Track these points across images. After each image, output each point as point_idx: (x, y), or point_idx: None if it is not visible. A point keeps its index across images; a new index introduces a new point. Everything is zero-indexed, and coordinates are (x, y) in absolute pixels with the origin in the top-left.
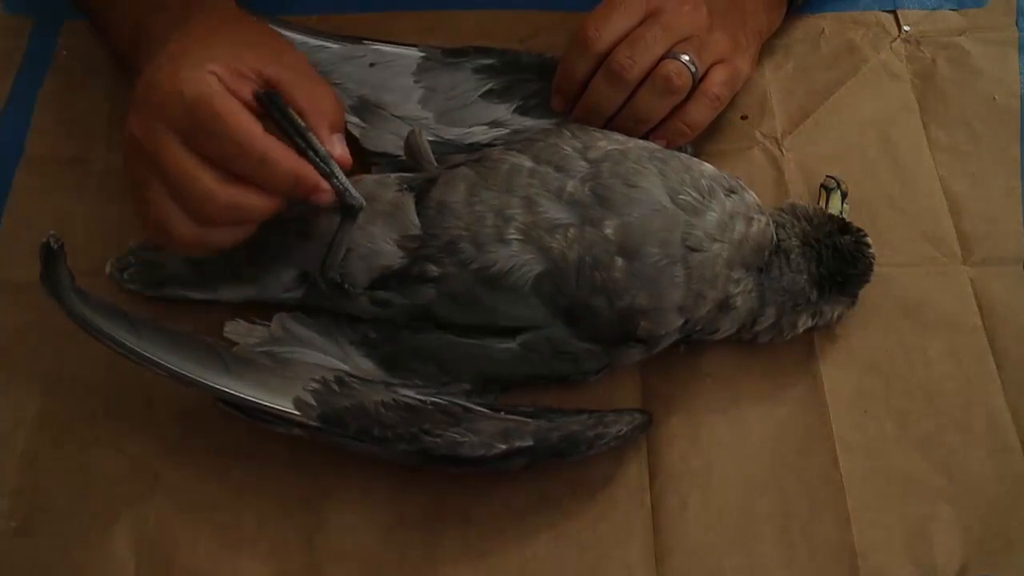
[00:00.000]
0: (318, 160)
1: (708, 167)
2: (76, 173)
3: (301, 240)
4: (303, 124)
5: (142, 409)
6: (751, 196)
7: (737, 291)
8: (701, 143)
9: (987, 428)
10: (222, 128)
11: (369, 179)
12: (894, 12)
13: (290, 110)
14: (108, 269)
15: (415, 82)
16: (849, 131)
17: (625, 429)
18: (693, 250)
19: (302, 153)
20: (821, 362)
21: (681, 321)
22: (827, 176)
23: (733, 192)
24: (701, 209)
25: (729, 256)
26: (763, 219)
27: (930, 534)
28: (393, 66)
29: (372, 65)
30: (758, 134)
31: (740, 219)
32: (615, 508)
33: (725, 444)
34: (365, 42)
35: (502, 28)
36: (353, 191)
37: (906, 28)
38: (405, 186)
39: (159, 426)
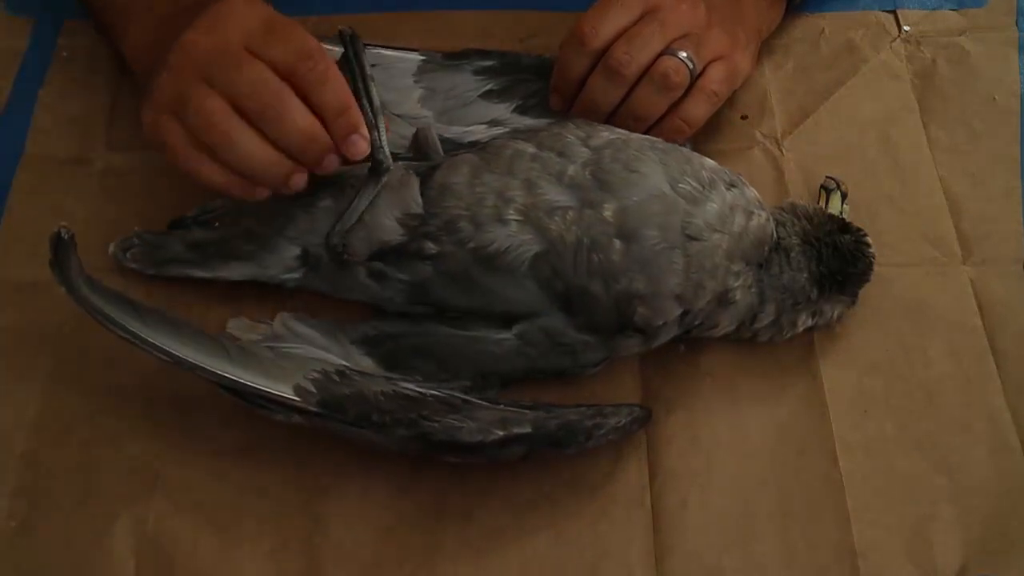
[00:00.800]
0: (369, 108)
1: (709, 161)
2: (76, 173)
3: (306, 211)
4: (370, 72)
5: (142, 409)
6: (751, 191)
7: (736, 284)
8: (701, 143)
9: (987, 428)
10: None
11: None
12: (894, 12)
13: (364, 55)
14: (111, 249)
15: (415, 82)
16: (849, 131)
17: (624, 421)
18: (692, 238)
19: (357, 97)
20: (821, 362)
21: (679, 311)
22: (827, 177)
23: (734, 186)
24: (701, 199)
25: (729, 248)
26: (763, 214)
27: (930, 534)
28: (393, 68)
29: (372, 67)
30: (758, 134)
31: (740, 212)
32: (615, 507)
33: (725, 444)
34: (366, 47)
35: (502, 28)
36: (387, 150)
37: (906, 28)
38: (411, 172)
39: (159, 426)
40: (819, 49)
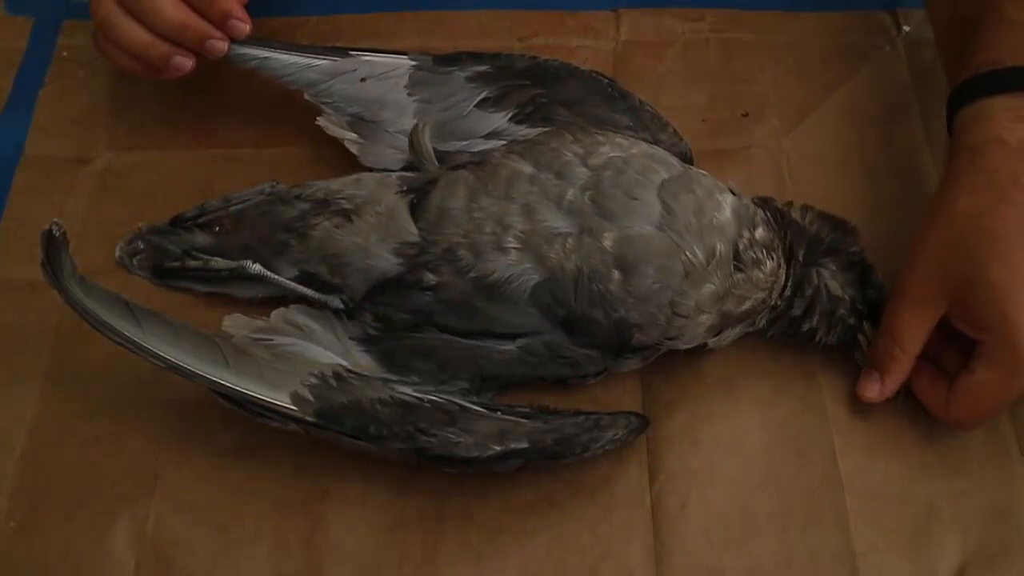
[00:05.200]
0: None
1: (718, 185)
2: (76, 173)
3: (298, 240)
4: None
5: (142, 409)
6: (761, 232)
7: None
8: (701, 142)
9: (987, 428)
10: None
11: (371, 178)
12: (894, 12)
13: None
14: (117, 252)
15: (408, 95)
16: (849, 131)
17: (621, 433)
18: (688, 276)
19: None
20: (821, 362)
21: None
22: None
23: (755, 227)
24: (704, 234)
25: (724, 290)
26: (770, 261)
27: (930, 534)
28: (385, 80)
29: (363, 80)
30: (758, 133)
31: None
32: (615, 509)
33: (725, 444)
34: (353, 54)
35: (502, 28)
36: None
37: (906, 28)
38: (405, 187)
39: (159, 426)
40: (819, 49)
